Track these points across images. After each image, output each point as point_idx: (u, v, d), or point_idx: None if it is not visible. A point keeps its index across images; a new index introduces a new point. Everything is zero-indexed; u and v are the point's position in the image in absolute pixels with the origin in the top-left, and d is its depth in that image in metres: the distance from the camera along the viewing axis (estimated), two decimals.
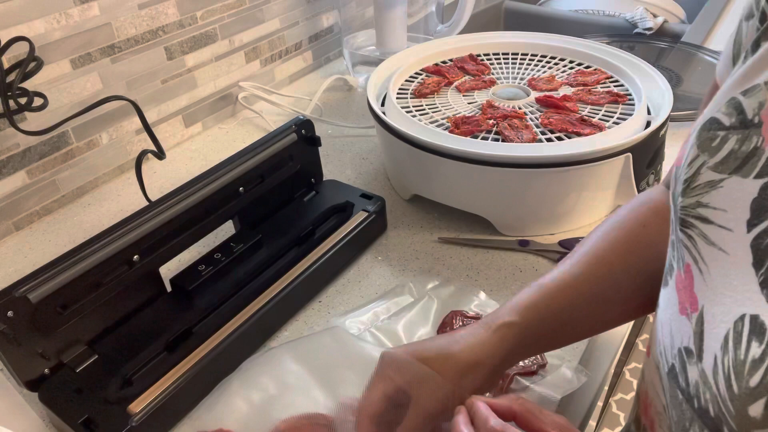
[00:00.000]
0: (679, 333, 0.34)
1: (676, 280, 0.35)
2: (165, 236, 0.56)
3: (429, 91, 0.78)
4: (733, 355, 0.29)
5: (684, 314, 0.34)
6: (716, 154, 0.32)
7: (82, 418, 0.47)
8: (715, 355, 0.30)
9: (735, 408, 0.29)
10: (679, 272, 0.35)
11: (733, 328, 0.29)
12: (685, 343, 0.33)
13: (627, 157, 0.64)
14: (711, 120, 0.33)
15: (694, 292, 0.33)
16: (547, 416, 0.39)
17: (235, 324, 0.55)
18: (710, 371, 0.30)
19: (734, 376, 0.29)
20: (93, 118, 0.79)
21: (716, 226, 0.31)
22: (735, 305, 0.30)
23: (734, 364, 0.29)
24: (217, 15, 0.90)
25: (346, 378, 0.52)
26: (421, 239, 0.70)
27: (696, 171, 0.33)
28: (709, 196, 0.32)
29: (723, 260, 0.31)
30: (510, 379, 0.52)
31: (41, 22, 0.70)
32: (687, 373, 0.33)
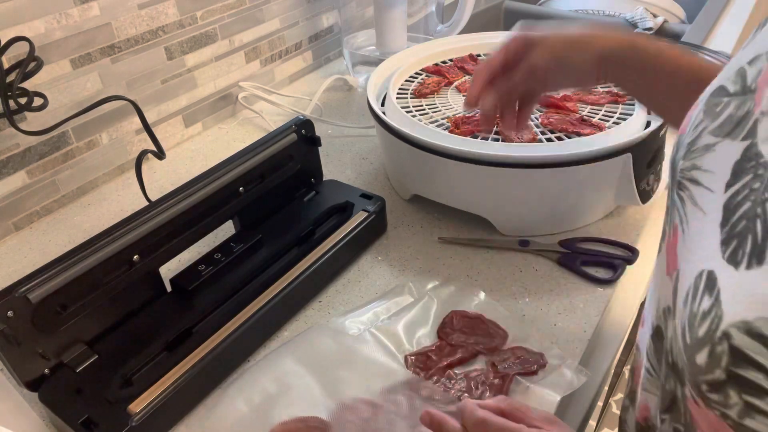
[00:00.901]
0: (663, 293, 0.36)
1: (666, 244, 0.37)
2: (165, 236, 0.56)
3: (429, 91, 0.78)
4: (690, 308, 0.30)
5: (668, 275, 0.35)
6: (717, 119, 0.34)
7: (82, 418, 0.47)
8: (680, 310, 0.32)
9: (687, 357, 0.30)
10: (669, 236, 0.37)
11: (693, 283, 0.31)
12: (668, 302, 0.35)
13: (627, 157, 0.64)
14: (719, 88, 0.35)
15: (676, 252, 0.35)
16: (534, 412, 0.41)
17: (235, 324, 0.55)
18: (678, 325, 0.32)
19: (688, 328, 0.30)
20: (93, 118, 0.79)
21: (703, 188, 0.33)
22: (700, 262, 0.31)
23: (689, 317, 0.30)
24: (217, 15, 0.90)
25: (346, 378, 0.52)
26: (421, 239, 0.70)
27: (698, 135, 0.35)
28: (703, 159, 0.34)
29: (700, 219, 0.33)
30: (510, 379, 0.53)
31: (41, 22, 0.70)
32: (667, 332, 0.35)
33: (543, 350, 0.55)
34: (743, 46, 0.36)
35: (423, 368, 0.54)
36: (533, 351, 0.55)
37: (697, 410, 0.31)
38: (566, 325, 0.59)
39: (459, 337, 0.57)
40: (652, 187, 0.71)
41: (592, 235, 0.69)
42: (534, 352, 0.55)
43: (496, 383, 0.52)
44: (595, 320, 0.59)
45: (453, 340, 0.56)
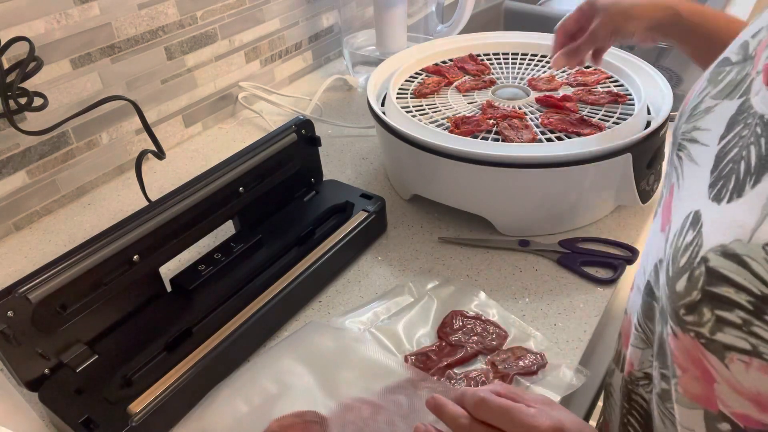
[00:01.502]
0: (655, 248, 0.39)
1: (663, 203, 0.40)
2: (165, 236, 0.56)
3: (429, 91, 0.78)
4: (674, 245, 0.33)
5: (663, 231, 0.38)
6: (718, 85, 0.37)
7: (82, 418, 0.47)
8: (667, 251, 0.34)
9: (669, 288, 0.32)
10: (665, 196, 0.39)
11: (681, 224, 0.33)
12: (659, 255, 0.38)
13: (627, 157, 0.64)
14: (723, 59, 0.38)
15: (670, 207, 0.37)
16: (530, 394, 0.43)
17: (235, 324, 0.55)
18: (664, 268, 0.34)
19: (671, 262, 0.33)
20: (93, 118, 0.79)
21: (700, 144, 0.36)
22: (688, 207, 0.34)
23: (673, 252, 0.33)
24: (217, 15, 0.90)
25: (346, 378, 0.52)
26: (421, 239, 0.70)
27: (700, 100, 0.38)
28: (703, 120, 0.36)
29: (694, 171, 0.35)
30: (510, 379, 0.53)
31: (41, 22, 0.70)
32: (659, 281, 0.37)
33: (543, 350, 0.55)
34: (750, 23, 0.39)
35: (423, 368, 0.54)
36: (533, 351, 0.55)
37: (675, 343, 0.33)
38: (566, 325, 0.59)
39: (459, 337, 0.57)
40: (652, 187, 0.71)
41: (592, 235, 0.69)
42: (534, 352, 0.55)
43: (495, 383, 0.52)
44: (595, 320, 0.59)
45: (453, 340, 0.56)
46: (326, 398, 0.50)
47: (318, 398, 0.50)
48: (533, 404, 0.41)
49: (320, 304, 0.63)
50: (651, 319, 0.40)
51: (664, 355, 0.37)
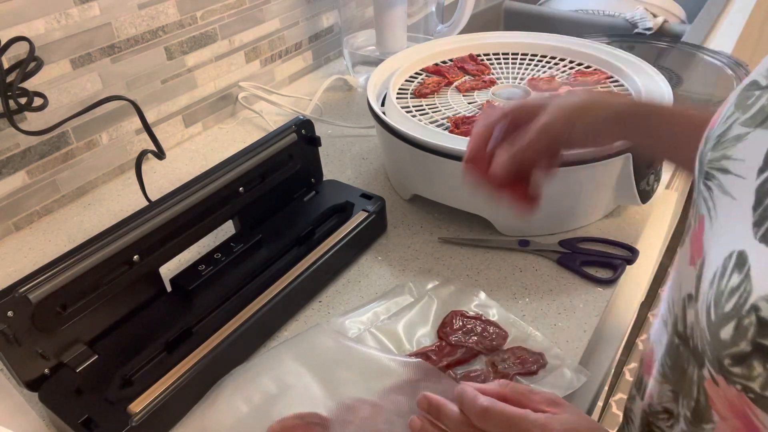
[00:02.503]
0: (686, 283, 0.36)
1: (690, 235, 0.37)
2: (165, 236, 0.56)
3: (429, 91, 0.78)
4: (717, 287, 0.31)
5: (692, 264, 0.36)
6: (748, 111, 0.34)
7: (82, 418, 0.47)
8: (705, 293, 0.32)
9: (710, 334, 0.30)
10: (694, 227, 0.37)
11: (721, 264, 0.31)
12: (689, 290, 0.35)
13: (627, 157, 0.64)
14: (751, 82, 0.36)
15: (702, 241, 0.35)
16: (537, 395, 0.40)
17: (235, 324, 0.55)
18: (702, 308, 0.32)
19: (714, 306, 0.30)
20: (93, 118, 0.79)
21: (733, 176, 0.33)
22: (729, 244, 0.31)
23: (715, 295, 0.30)
24: (217, 15, 0.90)
25: (346, 378, 0.52)
26: (421, 239, 0.70)
27: (728, 127, 0.35)
28: (734, 148, 0.34)
29: (730, 205, 0.33)
30: (510, 379, 0.52)
31: (41, 22, 0.70)
32: (686, 318, 0.35)
33: (543, 350, 0.55)
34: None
35: None
36: (533, 351, 0.55)
37: (715, 390, 0.31)
38: (566, 325, 0.59)
39: (459, 337, 0.57)
40: (652, 187, 0.71)
41: (592, 235, 0.69)
42: (534, 352, 0.55)
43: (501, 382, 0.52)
44: (595, 320, 0.59)
45: (453, 340, 0.56)
46: (326, 398, 0.50)
47: (318, 398, 0.50)
48: (542, 406, 0.39)
49: (320, 304, 0.63)
50: (672, 355, 0.38)
51: (691, 397, 0.35)
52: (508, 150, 0.48)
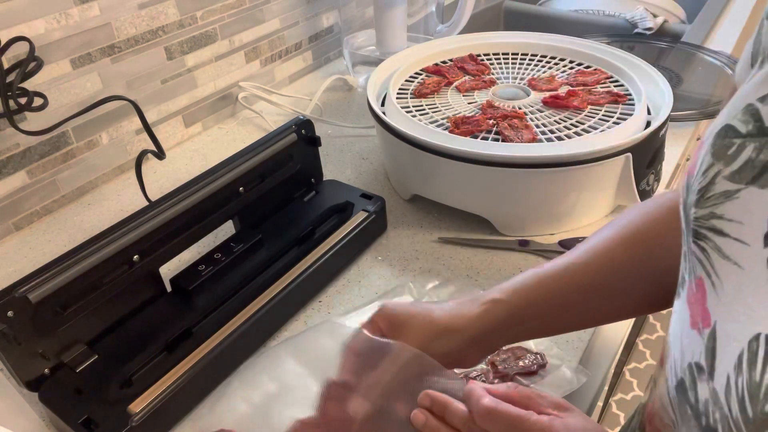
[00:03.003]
0: (689, 348, 0.33)
1: (687, 293, 0.34)
2: (165, 236, 0.57)
3: (429, 91, 0.78)
4: (748, 376, 0.28)
5: (695, 328, 0.33)
6: (732, 163, 0.30)
7: (82, 418, 0.47)
8: (728, 375, 0.29)
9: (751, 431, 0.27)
10: (690, 285, 0.34)
11: (747, 347, 0.28)
12: (696, 358, 0.32)
13: (627, 157, 0.64)
14: (726, 127, 0.32)
15: (706, 307, 0.32)
16: (545, 399, 0.39)
17: (235, 324, 0.55)
18: (722, 391, 0.29)
19: (749, 400, 0.28)
20: (93, 118, 0.79)
21: (732, 239, 0.30)
22: (750, 323, 0.28)
23: (749, 387, 0.28)
24: (217, 15, 0.90)
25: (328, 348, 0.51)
26: (421, 239, 0.70)
27: (710, 180, 0.32)
28: (724, 207, 0.31)
29: (737, 275, 0.30)
30: (510, 378, 0.53)
31: (41, 22, 0.70)
32: (697, 390, 0.32)
33: (543, 350, 0.55)
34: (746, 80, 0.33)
35: None
36: (533, 351, 0.55)
37: None
38: None
39: None
40: (652, 187, 0.71)
41: None
42: (534, 351, 0.55)
43: (496, 383, 0.52)
44: None
45: None
46: None
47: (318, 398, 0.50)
48: (547, 409, 0.38)
49: (320, 304, 0.63)
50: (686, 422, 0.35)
51: None
52: None
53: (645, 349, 1.82)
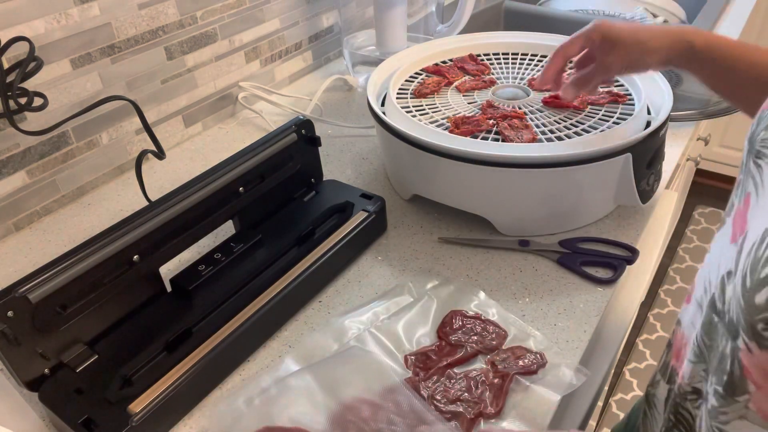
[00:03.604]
0: (725, 261, 0.37)
1: (734, 214, 0.38)
2: (165, 236, 0.57)
3: (429, 91, 0.78)
4: (753, 256, 0.32)
5: (734, 242, 0.36)
6: None
7: (82, 418, 0.47)
8: (743, 262, 0.33)
9: (745, 300, 0.31)
10: (738, 205, 0.38)
11: (761, 235, 0.32)
12: (729, 266, 0.36)
13: (627, 157, 0.64)
14: None
15: (746, 218, 0.36)
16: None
17: (235, 324, 0.55)
18: (738, 278, 0.33)
19: (749, 273, 0.31)
20: (93, 118, 0.79)
21: None
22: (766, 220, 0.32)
23: (752, 263, 0.32)
24: (217, 15, 0.90)
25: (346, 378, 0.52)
26: (421, 239, 0.70)
27: None
28: None
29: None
30: (510, 378, 0.53)
31: (41, 22, 0.70)
32: (725, 295, 0.36)
33: (543, 350, 0.55)
34: None
35: (423, 368, 0.54)
36: (533, 351, 0.55)
37: (749, 359, 0.32)
38: (566, 325, 0.59)
39: (459, 336, 0.57)
40: (652, 187, 0.71)
41: (592, 235, 0.69)
42: (534, 351, 0.55)
43: (495, 383, 0.52)
44: (595, 320, 0.59)
45: (453, 340, 0.56)
46: (326, 398, 0.50)
47: (318, 398, 0.50)
48: None
49: (320, 304, 0.63)
50: (711, 334, 0.39)
51: (723, 371, 0.36)
52: (576, 82, 0.66)
53: (645, 349, 1.82)
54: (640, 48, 0.60)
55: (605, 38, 0.61)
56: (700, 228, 2.24)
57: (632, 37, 0.61)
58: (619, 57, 0.61)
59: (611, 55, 0.62)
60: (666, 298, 1.98)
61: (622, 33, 0.61)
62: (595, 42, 0.63)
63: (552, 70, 0.66)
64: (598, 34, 0.62)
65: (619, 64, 0.62)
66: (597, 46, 0.63)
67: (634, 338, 1.85)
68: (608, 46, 0.62)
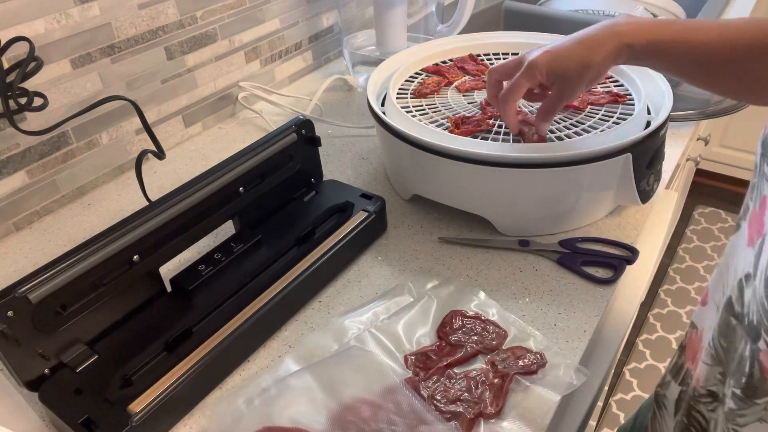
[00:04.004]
0: (742, 264, 0.37)
1: (750, 218, 0.38)
2: (165, 236, 0.57)
3: (429, 91, 0.78)
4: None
5: (750, 245, 0.36)
6: None
7: (82, 418, 0.47)
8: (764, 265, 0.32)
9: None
10: (753, 209, 0.37)
11: None
12: (747, 270, 0.36)
13: (627, 157, 0.64)
14: None
15: (763, 220, 0.35)
16: None
17: (235, 324, 0.55)
18: (761, 284, 0.32)
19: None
20: (93, 118, 0.79)
21: None
22: None
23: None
24: (217, 15, 0.90)
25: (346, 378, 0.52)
26: (421, 239, 0.70)
27: None
28: None
29: None
30: (510, 378, 0.53)
31: (41, 22, 0.70)
32: (743, 298, 0.35)
33: (543, 350, 0.55)
34: None
35: (423, 368, 0.54)
36: (533, 351, 0.55)
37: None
38: (566, 325, 0.59)
39: (459, 336, 0.57)
40: (652, 187, 0.71)
41: (592, 235, 0.69)
42: (534, 351, 0.55)
43: (495, 383, 0.52)
44: (595, 320, 0.59)
45: (453, 340, 0.56)
46: (326, 398, 0.50)
47: (318, 398, 0.50)
48: None
49: (320, 304, 0.63)
50: (728, 337, 0.38)
51: (741, 373, 0.35)
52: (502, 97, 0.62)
53: (645, 349, 1.82)
54: (589, 70, 0.56)
55: (550, 72, 0.58)
56: (700, 228, 2.24)
57: (576, 62, 0.56)
58: (570, 87, 0.58)
59: (563, 86, 0.58)
60: (666, 298, 1.98)
61: (564, 64, 0.57)
62: (539, 79, 0.59)
63: (510, 120, 0.64)
64: (540, 72, 0.58)
65: (572, 93, 0.59)
66: (544, 79, 0.59)
67: (634, 338, 1.85)
68: (556, 78, 0.58)
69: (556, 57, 0.57)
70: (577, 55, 0.56)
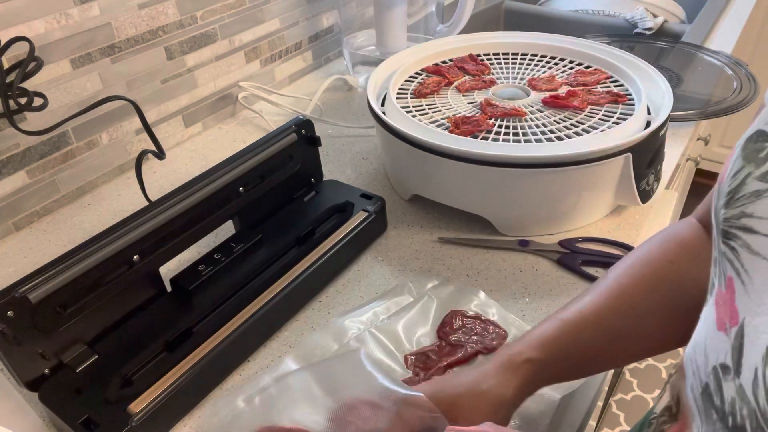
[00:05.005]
0: (714, 350, 0.34)
1: (716, 296, 0.35)
2: (165, 236, 0.57)
3: (429, 91, 0.78)
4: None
5: (722, 330, 0.33)
6: (763, 165, 0.32)
7: (82, 418, 0.47)
8: (756, 368, 0.29)
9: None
10: (719, 288, 0.34)
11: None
12: (722, 359, 0.33)
13: (627, 157, 0.64)
14: (758, 132, 0.34)
15: (735, 305, 0.32)
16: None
17: (235, 324, 0.55)
18: (749, 386, 0.30)
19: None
20: (93, 118, 0.79)
21: (761, 236, 0.31)
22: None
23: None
24: (217, 15, 0.90)
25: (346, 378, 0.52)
26: (421, 239, 0.70)
27: (741, 182, 0.33)
28: (754, 205, 0.32)
29: (767, 269, 0.30)
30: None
31: (41, 22, 0.70)
32: (722, 391, 0.33)
33: None
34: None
35: (423, 368, 0.54)
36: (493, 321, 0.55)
37: None
38: None
39: (459, 336, 0.57)
40: (652, 187, 0.71)
41: (592, 235, 0.69)
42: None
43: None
44: None
45: (453, 340, 0.56)
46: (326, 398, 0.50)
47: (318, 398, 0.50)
48: None
49: (320, 304, 0.63)
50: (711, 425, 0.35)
51: None
52: None
53: None
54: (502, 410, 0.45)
55: None
56: None
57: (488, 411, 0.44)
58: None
59: None
60: None
61: (456, 389, 0.46)
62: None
63: None
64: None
65: None
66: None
67: None
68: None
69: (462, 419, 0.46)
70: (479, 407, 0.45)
